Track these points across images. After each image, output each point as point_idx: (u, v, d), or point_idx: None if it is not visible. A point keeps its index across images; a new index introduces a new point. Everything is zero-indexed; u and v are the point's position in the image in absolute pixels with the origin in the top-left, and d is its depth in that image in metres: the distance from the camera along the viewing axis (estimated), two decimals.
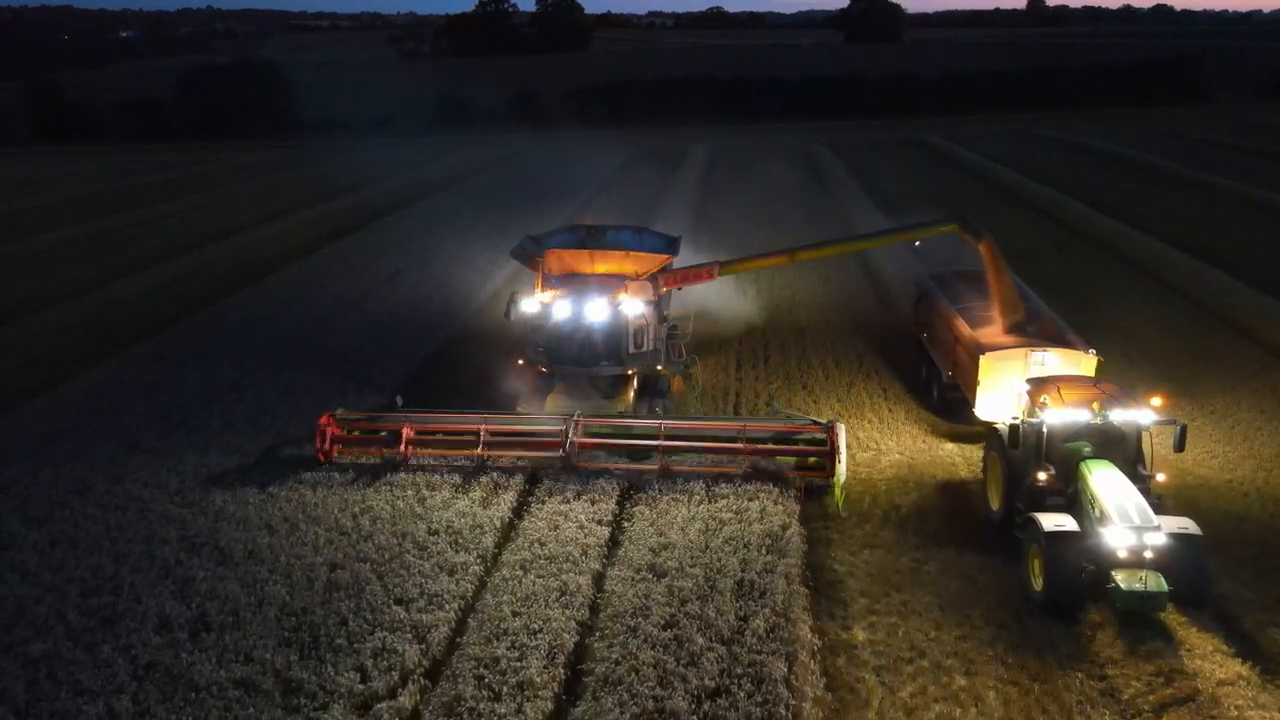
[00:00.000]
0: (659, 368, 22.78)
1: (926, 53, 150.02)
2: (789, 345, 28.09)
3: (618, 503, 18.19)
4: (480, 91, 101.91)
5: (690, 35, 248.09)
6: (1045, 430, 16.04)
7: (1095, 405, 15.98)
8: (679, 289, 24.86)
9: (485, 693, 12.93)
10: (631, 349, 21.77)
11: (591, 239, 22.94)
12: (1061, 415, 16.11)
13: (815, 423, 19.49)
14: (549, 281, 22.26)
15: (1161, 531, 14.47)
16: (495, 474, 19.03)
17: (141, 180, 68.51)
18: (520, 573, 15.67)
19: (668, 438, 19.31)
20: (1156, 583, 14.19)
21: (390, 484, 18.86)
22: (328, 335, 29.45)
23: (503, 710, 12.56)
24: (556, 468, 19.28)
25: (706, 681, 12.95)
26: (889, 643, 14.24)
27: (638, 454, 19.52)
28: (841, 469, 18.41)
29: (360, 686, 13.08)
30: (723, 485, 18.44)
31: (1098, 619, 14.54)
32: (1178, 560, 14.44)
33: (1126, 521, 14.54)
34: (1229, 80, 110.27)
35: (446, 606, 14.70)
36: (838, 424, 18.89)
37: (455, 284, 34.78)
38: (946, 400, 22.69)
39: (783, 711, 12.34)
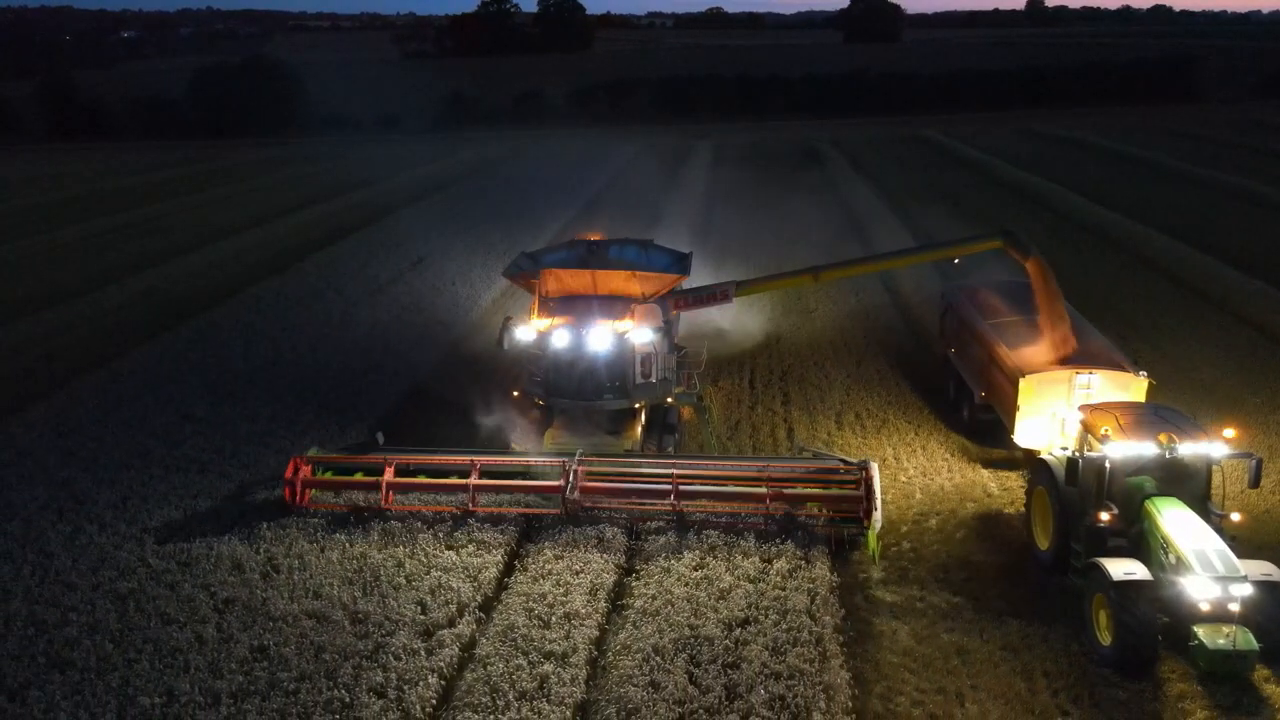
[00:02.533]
0: (669, 399, 20.56)
1: (926, 52, 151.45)
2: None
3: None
4: (487, 91, 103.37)
5: (690, 35, 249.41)
6: (1108, 465, 14.39)
7: (1163, 437, 14.35)
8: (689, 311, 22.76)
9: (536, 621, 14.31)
10: (638, 379, 19.58)
11: (594, 257, 20.66)
12: (1125, 449, 14.45)
13: (845, 462, 17.76)
14: (546, 305, 20.15)
15: (1248, 582, 12.98)
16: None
17: (163, 175, 70.39)
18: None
19: (682, 480, 17.21)
20: (1245, 639, 12.69)
21: None
22: (366, 311, 31.58)
23: (552, 636, 13.92)
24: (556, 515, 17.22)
25: None
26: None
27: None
28: (877, 516, 16.30)
29: (421, 617, 14.46)
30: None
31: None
32: (1263, 612, 13.01)
33: (1209, 570, 13.02)
34: (1226, 79, 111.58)
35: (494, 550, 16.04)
36: (871, 463, 17.12)
37: (475, 270, 36.35)
38: (979, 422, 21.03)
39: None
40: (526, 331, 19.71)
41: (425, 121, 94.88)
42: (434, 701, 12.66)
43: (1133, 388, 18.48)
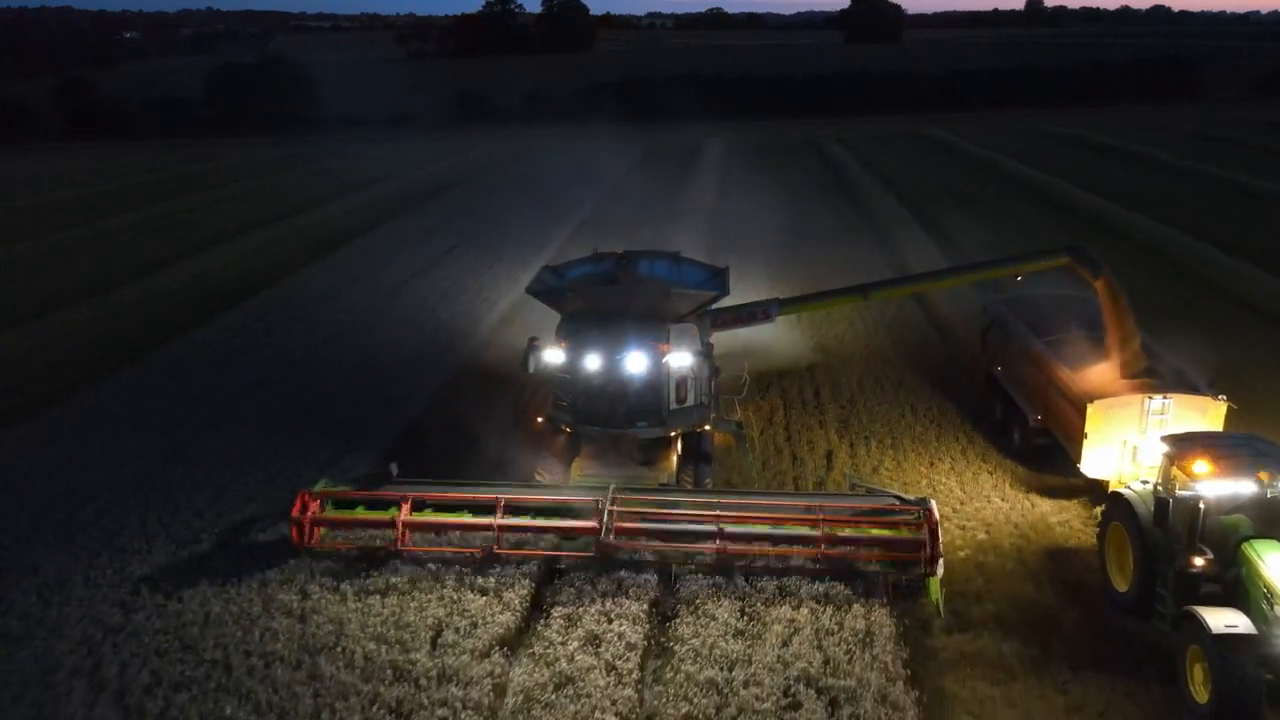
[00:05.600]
0: (706, 426, 18.84)
1: (927, 52, 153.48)
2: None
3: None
4: (497, 89, 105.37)
5: (691, 36, 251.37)
6: (1203, 506, 13.18)
7: (1264, 475, 13.16)
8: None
9: None
10: (674, 404, 18.00)
11: (623, 272, 19.34)
12: (1222, 487, 13.30)
13: (903, 500, 16.24)
14: (574, 323, 18.56)
15: None
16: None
17: (185, 171, 72.34)
18: None
19: (726, 519, 15.71)
20: None
21: None
22: (403, 297, 33.39)
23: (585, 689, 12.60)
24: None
25: None
26: None
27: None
28: (940, 562, 14.92)
29: (448, 661, 13.20)
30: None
31: None
32: None
33: None
34: (1224, 79, 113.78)
35: None
36: (930, 502, 15.52)
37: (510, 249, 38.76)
38: (1033, 447, 19.56)
39: None
40: (554, 354, 18.07)
41: (437, 119, 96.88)
42: None
43: (1210, 412, 17.08)
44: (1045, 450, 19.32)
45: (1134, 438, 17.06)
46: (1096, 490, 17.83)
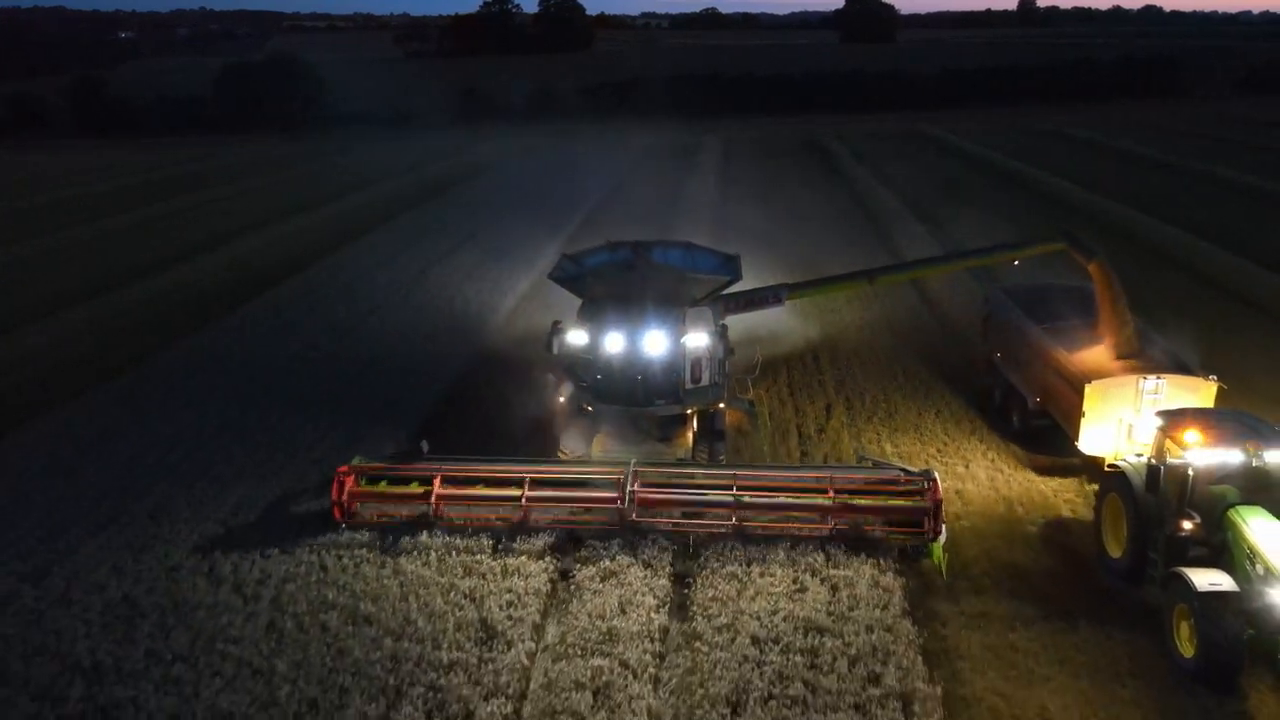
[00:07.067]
0: (720, 404, 19.95)
1: (920, 52, 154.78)
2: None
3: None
4: (499, 88, 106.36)
5: (687, 36, 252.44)
6: (1191, 473, 14.12)
7: (1251, 446, 14.21)
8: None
9: None
10: (690, 383, 19.07)
11: (639, 259, 20.43)
12: (1210, 456, 14.22)
13: (907, 472, 17.17)
14: (594, 307, 19.64)
15: None
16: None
17: (209, 165, 74.56)
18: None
19: (743, 491, 16.65)
20: None
21: None
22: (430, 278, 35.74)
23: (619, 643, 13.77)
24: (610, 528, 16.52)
25: None
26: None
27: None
28: (943, 529, 16.04)
29: (482, 633, 14.16)
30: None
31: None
32: None
33: None
34: (1208, 78, 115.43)
35: None
36: (934, 473, 16.60)
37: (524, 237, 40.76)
38: (1032, 429, 20.54)
39: None
40: (577, 335, 19.16)
41: (443, 117, 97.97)
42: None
43: (1201, 392, 18.05)
44: (1043, 431, 20.25)
45: (1129, 416, 17.90)
46: (1093, 469, 18.68)
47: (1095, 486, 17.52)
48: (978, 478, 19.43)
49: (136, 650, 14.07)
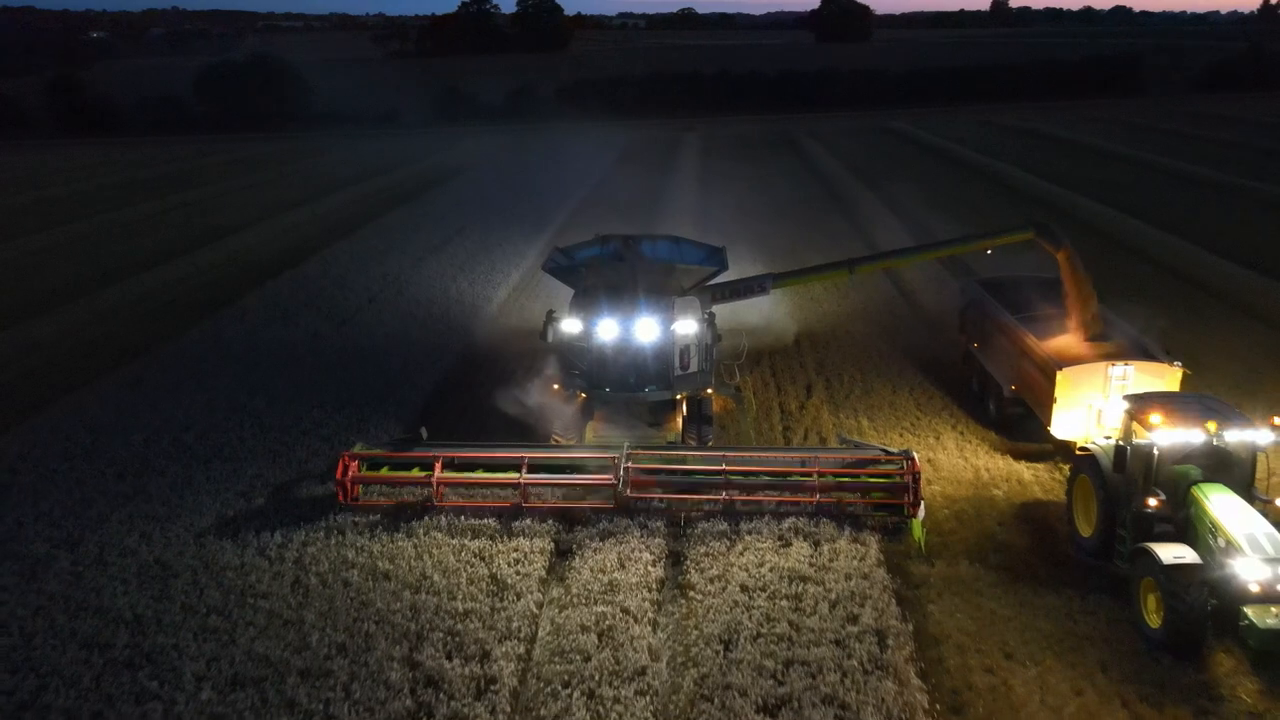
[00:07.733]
0: (708, 390, 20.72)
1: (894, 51, 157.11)
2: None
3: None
4: (480, 87, 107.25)
5: (664, 36, 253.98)
6: (1156, 452, 14.87)
7: (1211, 425, 14.78)
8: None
9: None
10: (679, 370, 19.88)
11: (628, 252, 21.27)
12: (1174, 436, 14.86)
13: (887, 452, 18.05)
14: (586, 297, 20.31)
15: None
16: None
17: (199, 164, 74.87)
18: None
19: (732, 472, 17.64)
20: None
21: None
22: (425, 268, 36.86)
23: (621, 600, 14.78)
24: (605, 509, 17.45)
25: None
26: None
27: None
28: (922, 505, 16.88)
29: (490, 605, 14.73)
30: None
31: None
32: None
33: (1259, 553, 13.56)
34: (1170, 76, 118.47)
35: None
36: (912, 453, 17.49)
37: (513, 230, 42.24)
38: (1008, 416, 21.33)
39: None
40: (571, 324, 19.89)
41: (424, 116, 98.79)
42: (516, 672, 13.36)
43: (1167, 377, 18.83)
44: (1017, 418, 21.18)
45: (1099, 401, 18.78)
46: (1064, 452, 19.48)
47: (1067, 470, 18.28)
48: (948, 448, 20.90)
49: (173, 605, 15.27)
